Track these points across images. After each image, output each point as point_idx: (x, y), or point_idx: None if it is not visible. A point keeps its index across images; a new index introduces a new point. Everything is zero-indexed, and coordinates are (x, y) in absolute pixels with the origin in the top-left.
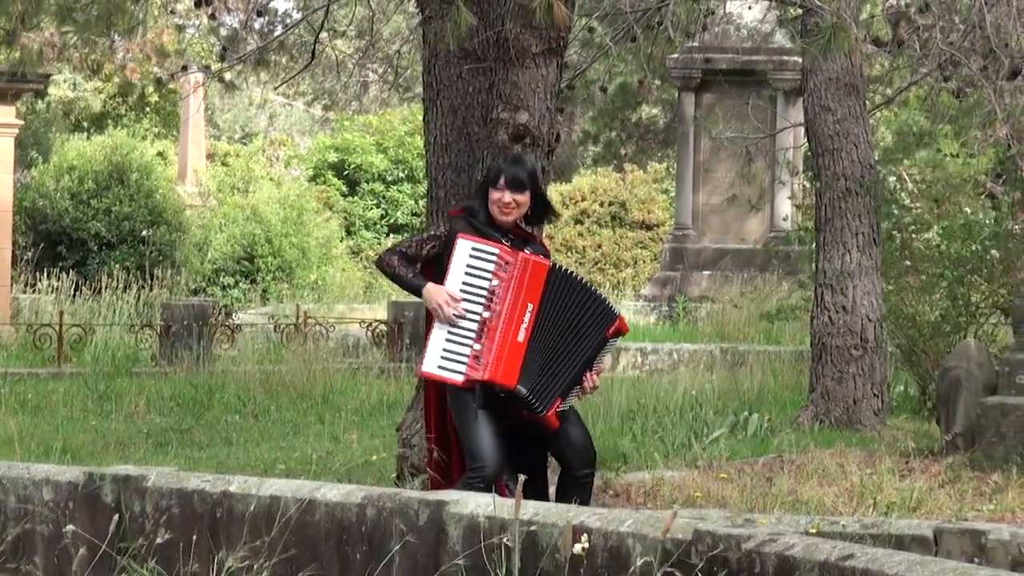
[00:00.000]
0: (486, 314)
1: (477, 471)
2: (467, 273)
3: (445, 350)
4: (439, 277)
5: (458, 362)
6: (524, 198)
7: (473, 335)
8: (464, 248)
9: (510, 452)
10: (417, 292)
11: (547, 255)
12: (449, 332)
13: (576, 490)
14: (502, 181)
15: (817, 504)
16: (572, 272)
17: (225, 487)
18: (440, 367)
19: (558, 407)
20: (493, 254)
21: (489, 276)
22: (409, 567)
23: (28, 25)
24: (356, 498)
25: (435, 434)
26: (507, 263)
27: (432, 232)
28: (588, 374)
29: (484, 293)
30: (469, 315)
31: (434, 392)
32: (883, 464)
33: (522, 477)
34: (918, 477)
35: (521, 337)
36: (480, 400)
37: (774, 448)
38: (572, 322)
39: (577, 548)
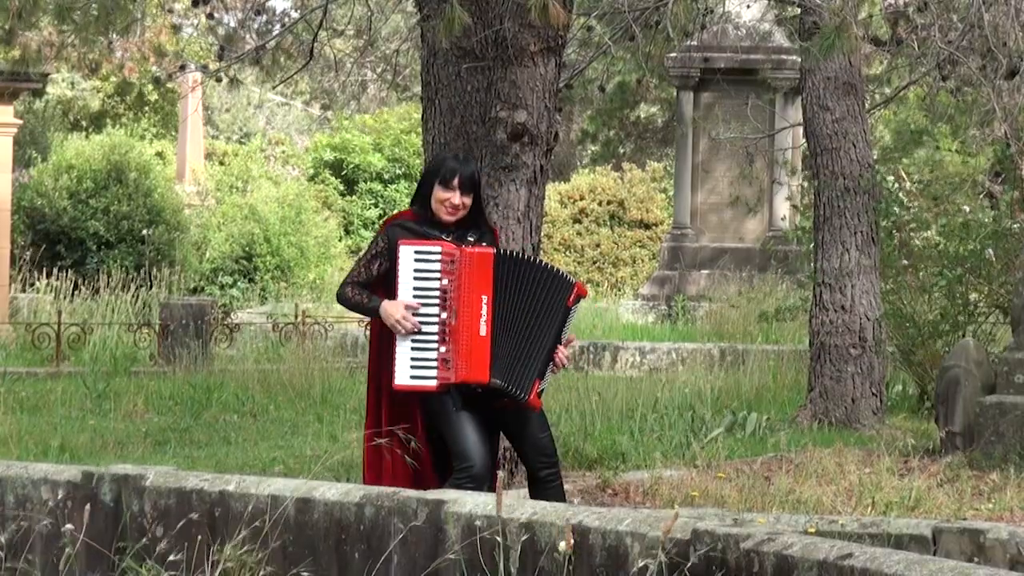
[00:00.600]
0: (444, 315)
1: (465, 471)
2: (416, 278)
3: (413, 359)
4: (393, 291)
5: (428, 368)
6: (470, 200)
7: (436, 338)
8: (407, 254)
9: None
10: (375, 314)
11: (493, 234)
12: (413, 340)
13: (544, 492)
14: (456, 181)
15: (816, 503)
16: (517, 253)
17: (223, 486)
18: (412, 377)
19: (539, 389)
20: (436, 253)
21: (438, 276)
22: (407, 566)
23: (26, 23)
24: (354, 497)
25: (371, 429)
26: (452, 260)
27: (373, 250)
28: (559, 348)
29: (437, 294)
30: (428, 319)
31: (372, 385)
32: (882, 463)
33: (501, 473)
34: (917, 476)
35: (483, 331)
36: (459, 402)
37: (772, 447)
38: (531, 302)
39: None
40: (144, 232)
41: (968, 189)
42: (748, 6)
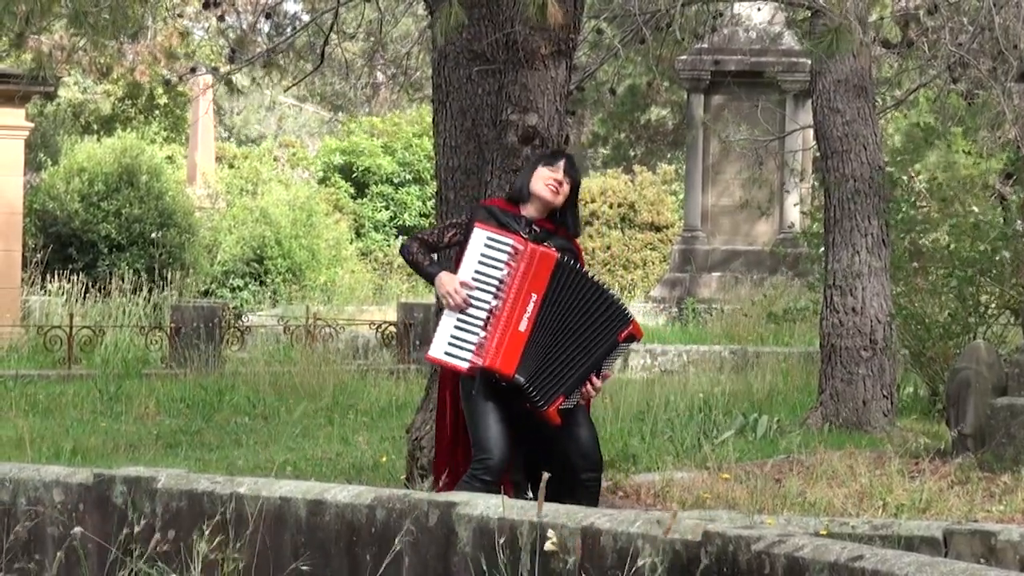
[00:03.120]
0: (495, 303)
1: (482, 462)
2: (480, 262)
3: (453, 336)
4: (457, 265)
5: (465, 349)
6: (567, 188)
7: (481, 323)
8: (479, 238)
9: (529, 450)
10: (431, 280)
11: (574, 250)
12: (458, 319)
13: (580, 494)
14: (562, 163)
15: (826, 505)
16: (583, 268)
17: (235, 488)
18: (447, 353)
19: (561, 404)
20: (507, 244)
21: (502, 266)
22: (419, 568)
23: (36, 27)
24: (366, 499)
25: (449, 434)
26: (517, 253)
27: (454, 219)
28: (593, 377)
29: (495, 283)
30: (479, 304)
31: (448, 394)
32: (892, 465)
33: (546, 475)
34: (927, 478)
35: (523, 327)
36: (479, 387)
37: (783, 449)
38: (579, 318)
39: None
40: (155, 235)
41: (979, 191)
42: (758, 9)
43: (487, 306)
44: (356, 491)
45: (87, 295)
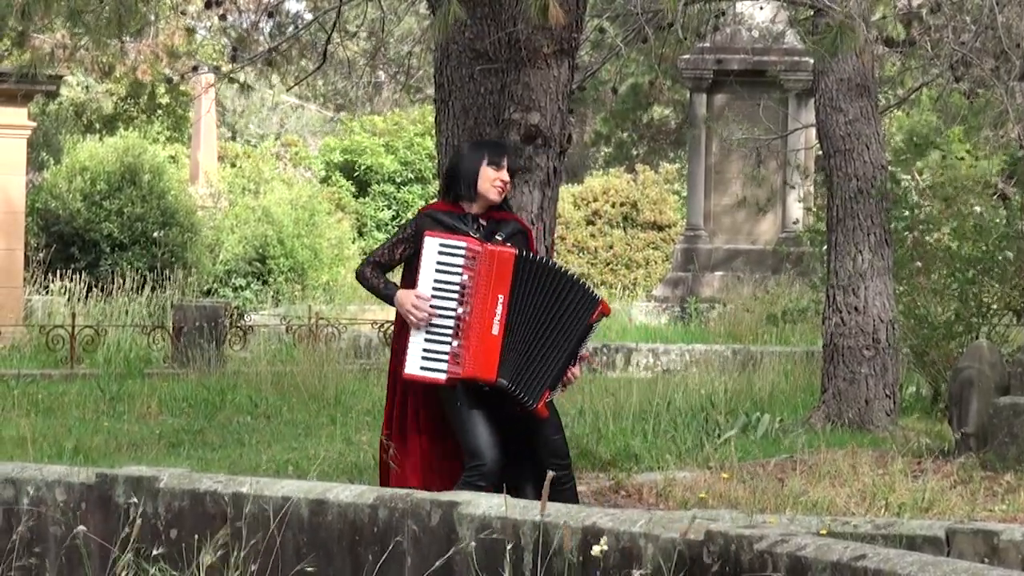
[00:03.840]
0: (461, 310)
1: (476, 468)
2: (438, 271)
3: (425, 350)
4: (414, 279)
5: (439, 360)
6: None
7: (450, 332)
8: (432, 246)
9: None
10: (389, 301)
11: (526, 236)
12: (427, 332)
13: (557, 494)
14: (506, 161)
15: (829, 505)
16: (543, 259)
17: (237, 488)
18: (422, 368)
19: (548, 398)
20: (461, 248)
21: (460, 271)
22: (421, 568)
23: (31, 20)
24: (368, 499)
25: (388, 430)
26: (475, 256)
27: (401, 235)
28: (569, 365)
29: (456, 289)
30: (444, 313)
31: (391, 387)
32: (895, 465)
33: (551, 473)
34: (930, 478)
35: (496, 330)
36: (462, 396)
37: (786, 449)
38: (549, 310)
39: (596, 550)
40: (157, 234)
41: (980, 191)
42: (761, 8)
43: (453, 314)
44: (358, 490)
45: (89, 294)
